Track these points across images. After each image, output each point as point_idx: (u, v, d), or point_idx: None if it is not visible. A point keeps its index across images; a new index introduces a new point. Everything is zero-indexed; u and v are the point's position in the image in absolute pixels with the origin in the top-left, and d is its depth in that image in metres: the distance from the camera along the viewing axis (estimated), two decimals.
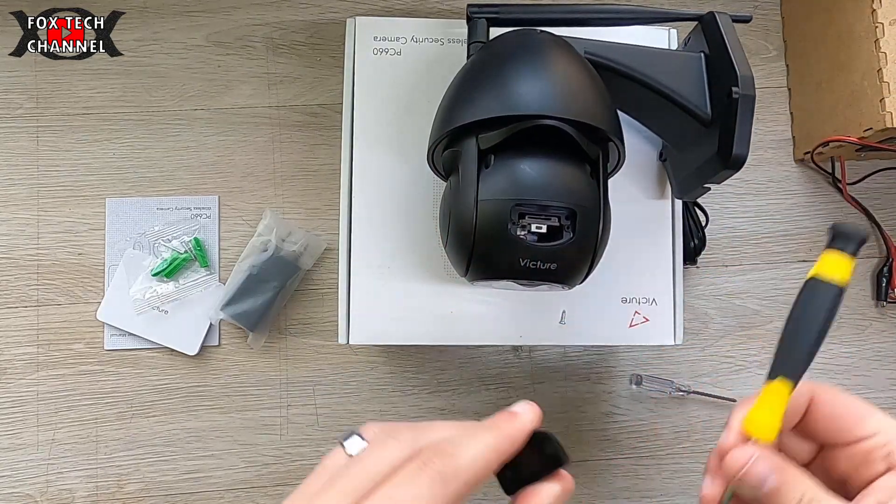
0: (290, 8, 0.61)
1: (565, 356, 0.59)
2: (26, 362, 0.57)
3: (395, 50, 0.49)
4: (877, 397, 0.60)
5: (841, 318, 0.61)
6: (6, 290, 0.57)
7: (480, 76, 0.40)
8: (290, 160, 0.59)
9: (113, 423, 0.57)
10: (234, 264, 0.57)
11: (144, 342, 0.57)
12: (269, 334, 0.58)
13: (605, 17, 0.45)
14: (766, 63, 0.63)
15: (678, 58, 0.45)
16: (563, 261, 0.38)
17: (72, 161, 0.59)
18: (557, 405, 0.59)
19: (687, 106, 0.43)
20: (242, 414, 0.57)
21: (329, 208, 0.59)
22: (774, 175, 0.62)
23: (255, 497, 0.57)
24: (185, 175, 0.59)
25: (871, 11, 0.52)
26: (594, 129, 0.38)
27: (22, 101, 0.59)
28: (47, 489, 0.56)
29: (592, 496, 0.58)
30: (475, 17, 0.44)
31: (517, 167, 0.37)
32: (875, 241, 0.62)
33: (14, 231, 0.58)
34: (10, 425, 0.56)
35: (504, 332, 0.47)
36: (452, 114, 0.39)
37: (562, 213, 0.37)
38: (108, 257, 0.58)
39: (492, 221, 0.37)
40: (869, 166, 0.61)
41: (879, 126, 0.51)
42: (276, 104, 0.60)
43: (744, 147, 0.39)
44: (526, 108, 0.37)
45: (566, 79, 0.39)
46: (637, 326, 0.48)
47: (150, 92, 0.59)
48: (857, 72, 0.54)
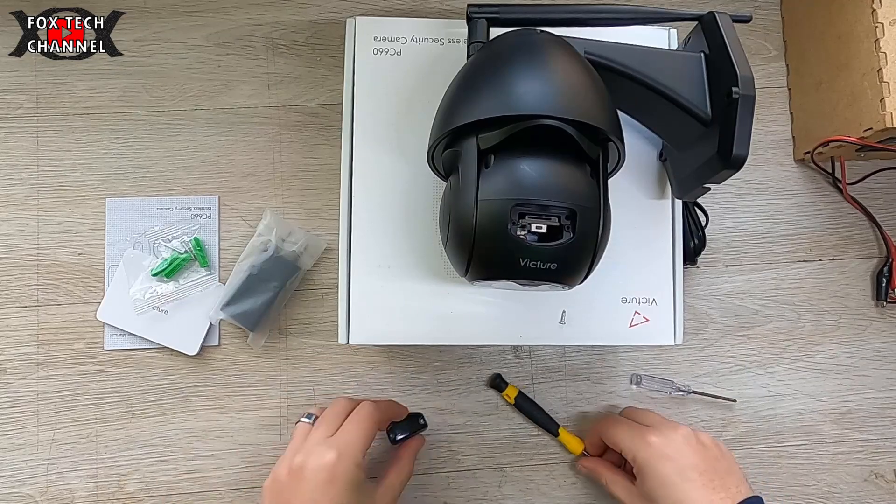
0: (290, 8, 0.61)
1: (565, 356, 0.59)
2: (26, 362, 0.57)
3: (395, 50, 0.49)
4: (877, 397, 0.60)
5: (841, 318, 0.61)
6: (6, 290, 0.57)
7: (480, 76, 0.40)
8: (290, 160, 0.59)
9: (113, 423, 0.57)
10: (234, 264, 0.57)
11: (144, 342, 0.57)
12: (269, 334, 0.58)
13: (605, 17, 0.45)
14: (766, 63, 0.63)
15: (678, 58, 0.45)
16: (563, 261, 0.38)
17: (72, 161, 0.59)
18: (557, 405, 0.59)
19: (687, 106, 0.43)
20: (242, 414, 0.57)
21: (329, 208, 0.59)
22: (774, 175, 0.62)
23: (255, 497, 0.57)
24: (185, 175, 0.59)
25: (871, 11, 0.52)
26: (594, 129, 0.38)
27: (22, 101, 0.59)
28: (47, 489, 0.56)
29: (592, 496, 0.58)
30: (475, 17, 0.44)
31: (517, 167, 0.37)
32: (875, 241, 0.62)
33: (14, 231, 0.58)
34: (10, 425, 0.56)
35: (504, 332, 0.47)
36: (452, 114, 0.39)
37: (562, 213, 0.37)
38: (108, 257, 0.58)
39: (492, 221, 0.37)
40: (869, 166, 0.61)
41: (879, 126, 0.51)
42: (276, 104, 0.60)
43: (744, 147, 0.39)
44: (526, 108, 0.37)
45: (566, 79, 0.39)
46: (637, 326, 0.48)
47: (150, 92, 0.59)
48: (857, 72, 0.54)
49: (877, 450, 0.60)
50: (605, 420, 0.56)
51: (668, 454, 0.50)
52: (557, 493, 0.58)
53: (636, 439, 0.51)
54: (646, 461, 0.50)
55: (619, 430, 0.53)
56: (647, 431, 0.51)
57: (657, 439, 0.50)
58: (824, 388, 0.60)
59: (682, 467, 0.49)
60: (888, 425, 0.60)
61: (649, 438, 0.50)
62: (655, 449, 0.50)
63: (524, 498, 0.58)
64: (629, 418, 0.55)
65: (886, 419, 0.60)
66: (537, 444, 0.58)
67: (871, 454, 0.60)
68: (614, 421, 0.54)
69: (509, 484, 0.58)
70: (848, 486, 0.60)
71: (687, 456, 0.50)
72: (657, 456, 0.50)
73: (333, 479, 0.45)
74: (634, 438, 0.51)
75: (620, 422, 0.54)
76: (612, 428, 0.53)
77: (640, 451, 0.50)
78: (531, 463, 0.58)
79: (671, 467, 0.49)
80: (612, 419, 0.55)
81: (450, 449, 0.58)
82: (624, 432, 0.52)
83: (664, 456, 0.49)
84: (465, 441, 0.58)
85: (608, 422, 0.55)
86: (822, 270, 0.61)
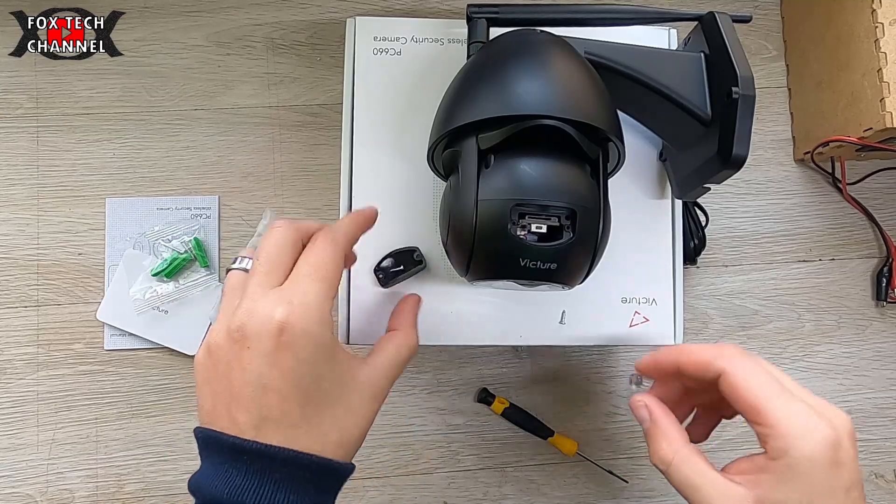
0: (290, 8, 0.61)
1: (565, 356, 0.59)
2: (26, 362, 0.57)
3: (395, 50, 0.49)
4: (877, 397, 0.60)
5: (841, 318, 0.61)
6: (6, 290, 0.57)
7: (480, 76, 0.40)
8: (290, 160, 0.59)
9: (113, 423, 0.57)
10: None
11: (144, 342, 0.57)
12: None
13: (605, 17, 0.45)
14: (766, 63, 0.63)
15: (678, 58, 0.45)
16: (564, 261, 0.38)
17: (72, 161, 0.58)
18: (557, 405, 0.59)
19: (687, 106, 0.43)
20: None
21: (329, 208, 0.59)
22: (774, 175, 0.62)
23: None
24: (185, 175, 0.59)
25: (871, 11, 0.52)
26: (594, 129, 0.38)
27: (22, 101, 0.59)
28: (47, 489, 0.56)
29: (593, 496, 0.58)
30: (475, 17, 0.44)
31: (517, 167, 0.38)
32: (875, 241, 0.62)
33: (14, 231, 0.58)
34: (10, 425, 0.56)
35: (504, 332, 0.47)
36: (452, 114, 0.39)
37: (562, 213, 0.37)
38: (108, 257, 0.58)
39: (492, 221, 0.37)
40: (869, 166, 0.61)
41: (879, 126, 0.51)
42: (276, 104, 0.60)
43: (743, 147, 0.39)
44: (526, 108, 0.37)
45: (566, 79, 0.39)
46: (637, 326, 0.48)
47: (150, 92, 0.59)
48: (857, 72, 0.54)
49: (877, 450, 0.60)
50: (735, 368, 0.36)
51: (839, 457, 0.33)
52: (557, 493, 0.58)
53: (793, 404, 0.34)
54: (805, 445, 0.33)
55: (769, 399, 0.34)
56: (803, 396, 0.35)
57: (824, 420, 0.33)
58: (824, 388, 0.60)
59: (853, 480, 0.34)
60: (888, 425, 0.60)
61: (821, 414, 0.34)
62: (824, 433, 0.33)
63: (524, 498, 0.58)
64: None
65: (886, 419, 0.60)
66: (537, 444, 0.58)
67: (871, 454, 0.60)
68: (752, 380, 0.35)
69: (509, 484, 0.58)
70: None
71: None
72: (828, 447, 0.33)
73: (287, 343, 0.32)
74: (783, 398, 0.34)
75: (760, 380, 0.35)
76: (755, 392, 0.35)
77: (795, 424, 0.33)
78: (531, 463, 0.58)
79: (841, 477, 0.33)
80: (744, 370, 0.36)
81: (450, 449, 0.58)
82: (777, 402, 0.34)
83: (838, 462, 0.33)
84: (465, 441, 0.58)
85: (741, 374, 0.35)
86: (822, 270, 0.61)
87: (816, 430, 0.33)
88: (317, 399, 0.33)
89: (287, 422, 0.33)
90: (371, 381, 0.36)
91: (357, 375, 0.36)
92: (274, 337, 0.32)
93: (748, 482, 0.34)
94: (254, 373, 0.32)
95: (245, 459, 0.32)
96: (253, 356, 0.32)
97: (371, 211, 0.41)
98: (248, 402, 0.32)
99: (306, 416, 0.33)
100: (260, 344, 0.32)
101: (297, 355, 0.32)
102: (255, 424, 0.32)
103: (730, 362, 0.36)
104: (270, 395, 0.32)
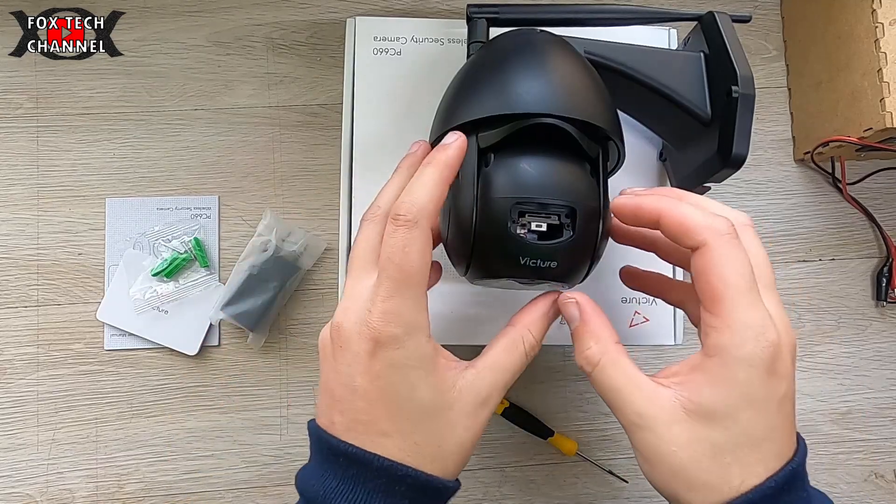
0: (290, 8, 0.61)
1: (565, 356, 0.59)
2: (26, 362, 0.57)
3: (395, 50, 0.49)
4: (877, 397, 0.60)
5: (841, 318, 0.61)
6: (6, 290, 0.57)
7: (480, 75, 0.40)
8: (290, 160, 0.59)
9: (113, 423, 0.57)
10: (234, 264, 0.57)
11: (144, 342, 0.57)
12: (269, 334, 0.58)
13: (605, 17, 0.45)
14: (766, 63, 0.63)
15: (678, 58, 0.45)
16: (564, 259, 0.38)
17: (72, 161, 0.59)
18: (557, 405, 0.59)
19: (687, 106, 0.43)
20: (242, 414, 0.57)
21: (329, 208, 0.59)
22: (774, 175, 0.62)
23: (255, 497, 0.57)
24: (185, 175, 0.59)
25: (871, 11, 0.52)
26: (594, 127, 0.38)
27: (22, 101, 0.59)
28: (47, 489, 0.56)
29: (593, 496, 0.58)
30: (475, 17, 0.44)
31: (517, 166, 0.37)
32: (875, 241, 0.62)
33: (14, 231, 0.58)
34: (10, 425, 0.56)
35: None
36: (452, 113, 0.39)
37: (562, 211, 0.37)
38: (108, 257, 0.58)
39: (492, 220, 0.37)
40: (869, 166, 0.61)
41: (879, 126, 0.51)
42: (276, 104, 0.60)
43: (743, 146, 0.39)
44: (526, 107, 0.37)
45: (566, 78, 0.39)
46: (637, 326, 0.48)
47: (150, 92, 0.59)
48: (857, 72, 0.54)
49: (877, 450, 0.60)
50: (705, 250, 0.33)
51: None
52: (557, 493, 0.58)
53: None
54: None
55: (734, 296, 0.31)
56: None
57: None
58: (824, 388, 0.60)
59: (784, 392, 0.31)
60: (888, 425, 0.60)
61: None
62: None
63: (524, 498, 0.58)
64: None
65: (886, 419, 0.60)
66: (537, 444, 0.58)
67: (871, 454, 0.60)
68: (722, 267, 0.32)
69: (509, 484, 0.58)
70: (848, 486, 0.60)
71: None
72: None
73: (379, 348, 0.31)
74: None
75: (729, 269, 0.32)
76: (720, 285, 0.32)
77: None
78: (531, 463, 0.58)
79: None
80: (716, 254, 0.32)
81: None
82: (742, 301, 0.31)
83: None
84: None
85: (708, 261, 0.32)
86: (822, 270, 0.61)
87: (763, 335, 0.31)
88: (408, 408, 0.32)
89: (376, 430, 0.31)
90: (475, 390, 0.33)
91: (458, 383, 0.33)
92: (366, 340, 0.31)
93: (676, 384, 0.32)
94: (346, 374, 0.32)
95: (342, 462, 0.31)
96: (347, 357, 0.32)
97: (452, 149, 0.35)
98: (342, 403, 0.32)
99: (398, 426, 0.32)
100: (353, 346, 0.32)
101: (389, 362, 0.31)
102: (347, 427, 0.32)
103: (716, 239, 0.32)
104: (359, 400, 0.32)
